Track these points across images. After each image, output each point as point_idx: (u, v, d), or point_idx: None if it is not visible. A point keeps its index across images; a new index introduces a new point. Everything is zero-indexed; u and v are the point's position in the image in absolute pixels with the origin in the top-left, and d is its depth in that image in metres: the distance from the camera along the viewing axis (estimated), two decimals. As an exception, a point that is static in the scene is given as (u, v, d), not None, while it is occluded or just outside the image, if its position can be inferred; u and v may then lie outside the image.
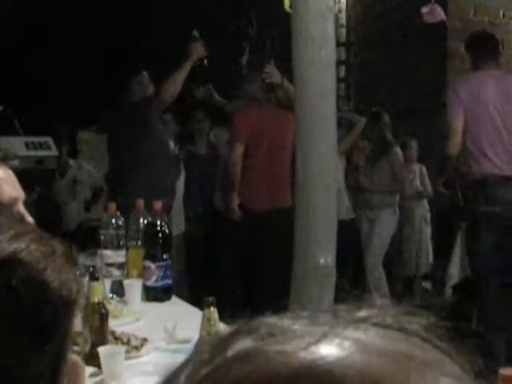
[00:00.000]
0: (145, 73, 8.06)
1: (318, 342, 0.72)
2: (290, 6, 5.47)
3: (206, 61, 7.59)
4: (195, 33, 7.76)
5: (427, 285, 9.77)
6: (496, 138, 7.02)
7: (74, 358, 1.44)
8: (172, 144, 8.17)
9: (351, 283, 8.52)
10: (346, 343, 0.72)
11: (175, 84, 7.45)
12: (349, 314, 0.78)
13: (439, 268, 9.13)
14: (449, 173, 8.52)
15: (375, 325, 0.76)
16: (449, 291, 8.63)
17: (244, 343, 0.75)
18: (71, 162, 8.41)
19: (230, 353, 0.74)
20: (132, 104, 7.95)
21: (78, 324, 3.32)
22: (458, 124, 7.01)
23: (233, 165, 7.48)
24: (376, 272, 9.00)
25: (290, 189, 7.11)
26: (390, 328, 0.77)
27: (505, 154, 6.98)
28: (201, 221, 8.50)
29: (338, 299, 6.00)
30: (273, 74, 7.36)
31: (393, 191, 9.21)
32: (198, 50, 7.56)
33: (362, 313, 0.78)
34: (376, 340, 0.74)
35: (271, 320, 0.77)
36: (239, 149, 7.43)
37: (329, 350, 0.72)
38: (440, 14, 9.12)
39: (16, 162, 3.01)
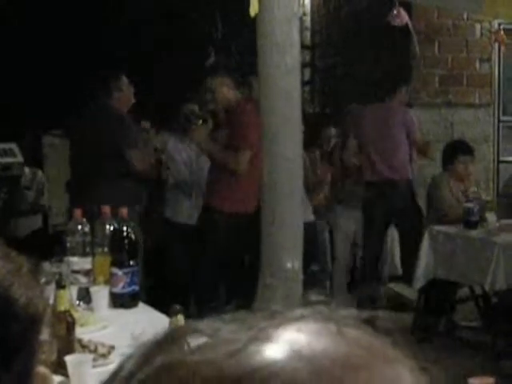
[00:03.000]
0: (124, 77, 8.05)
1: (243, 348, 0.71)
2: (256, 12, 5.49)
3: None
4: (146, 124, 7.81)
5: (395, 286, 9.81)
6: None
7: (41, 370, 1.44)
8: (147, 149, 8.18)
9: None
10: (273, 347, 0.72)
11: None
12: (283, 314, 0.77)
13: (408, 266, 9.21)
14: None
15: (307, 321, 0.75)
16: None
17: (169, 354, 0.73)
18: (26, 169, 8.38)
19: (155, 364, 0.73)
20: (109, 108, 7.98)
21: (44, 333, 3.31)
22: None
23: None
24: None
25: None
26: (322, 322, 0.76)
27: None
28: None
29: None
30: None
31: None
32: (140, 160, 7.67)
33: (297, 312, 0.77)
34: (304, 340, 0.73)
35: (200, 326, 0.75)
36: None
37: (254, 357, 0.71)
38: (405, 17, 9.16)
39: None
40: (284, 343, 0.72)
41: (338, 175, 9.50)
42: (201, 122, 7.82)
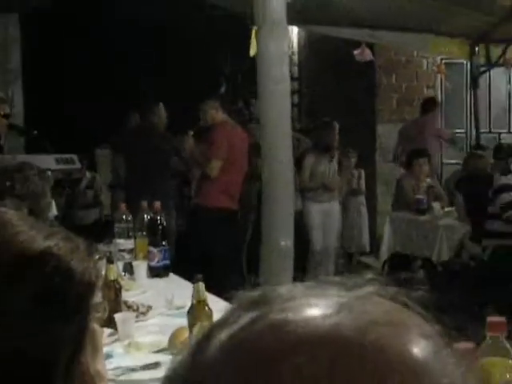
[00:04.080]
0: (161, 105, 8.08)
1: (337, 312, 0.65)
2: (255, 52, 5.49)
3: None
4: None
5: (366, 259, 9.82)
6: None
7: (95, 326, 1.44)
8: (173, 159, 8.21)
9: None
10: (362, 316, 0.66)
11: None
12: (356, 287, 0.71)
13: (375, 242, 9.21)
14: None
15: (379, 297, 0.70)
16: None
17: (266, 313, 0.66)
18: (86, 172, 8.41)
19: (259, 325, 0.65)
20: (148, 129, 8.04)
21: (98, 296, 3.34)
22: None
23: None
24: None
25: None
26: (390, 300, 0.70)
27: None
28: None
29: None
30: None
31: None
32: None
33: (367, 288, 0.71)
34: (383, 312, 0.67)
35: (284, 290, 0.69)
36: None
37: (347, 321, 0.65)
38: (369, 55, 9.15)
39: (50, 175, 3.01)
40: (367, 314, 0.66)
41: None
42: (192, 133, 7.86)
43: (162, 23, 8.65)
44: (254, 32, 5.52)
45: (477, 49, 9.93)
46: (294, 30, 10.33)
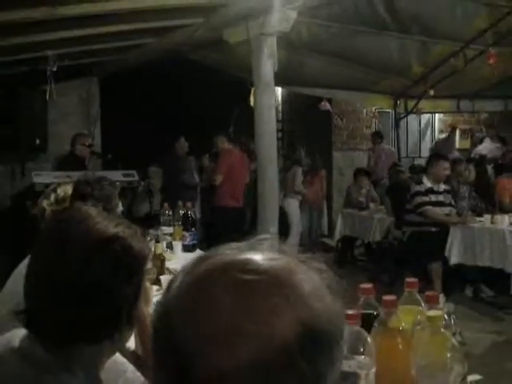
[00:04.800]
0: (183, 138, 8.10)
1: (248, 250, 0.73)
2: (253, 103, 5.50)
3: None
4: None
5: (325, 239, 9.80)
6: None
7: (147, 284, 1.44)
8: (196, 174, 8.22)
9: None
10: (252, 250, 0.73)
11: None
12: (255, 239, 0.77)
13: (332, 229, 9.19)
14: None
15: (268, 245, 0.76)
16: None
17: (205, 256, 0.76)
18: (142, 182, 8.40)
19: (199, 260, 0.76)
20: (177, 155, 8.02)
21: (149, 265, 3.33)
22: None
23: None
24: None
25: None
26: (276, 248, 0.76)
27: None
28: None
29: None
30: None
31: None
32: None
33: (262, 238, 0.78)
34: (267, 249, 0.74)
35: (229, 246, 0.77)
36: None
37: (244, 254, 0.73)
38: (328, 106, 9.16)
39: (118, 184, 3.01)
40: (267, 254, 0.73)
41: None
42: (208, 156, 7.93)
43: (192, 85, 8.68)
44: (252, 90, 5.52)
45: (398, 102, 9.93)
46: (279, 89, 10.35)
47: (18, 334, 1.20)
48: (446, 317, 1.52)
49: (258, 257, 0.72)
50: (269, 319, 0.66)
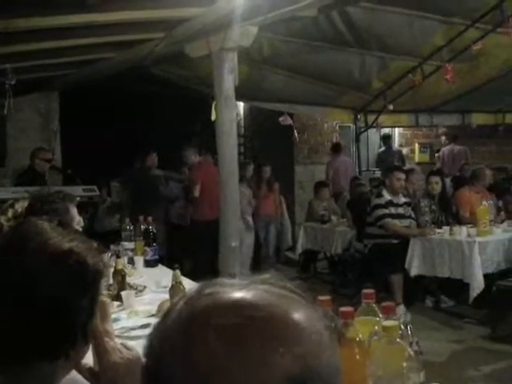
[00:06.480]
0: (154, 153, 8.07)
1: (242, 288, 0.71)
2: (215, 117, 5.50)
3: None
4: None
5: (289, 253, 9.81)
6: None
7: (104, 298, 1.41)
8: (161, 187, 8.17)
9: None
10: (255, 291, 0.71)
11: None
12: (259, 277, 0.76)
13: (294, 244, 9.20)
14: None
15: (270, 284, 0.74)
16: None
17: (209, 289, 0.72)
18: (108, 198, 8.31)
19: (202, 293, 0.72)
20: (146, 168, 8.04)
21: (109, 280, 3.31)
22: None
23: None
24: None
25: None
26: (277, 286, 0.74)
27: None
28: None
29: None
30: None
31: None
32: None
33: (267, 276, 0.76)
34: (269, 290, 0.72)
35: (222, 280, 0.74)
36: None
37: (245, 293, 0.70)
38: (289, 120, 9.21)
39: (77, 199, 2.97)
40: (260, 290, 0.72)
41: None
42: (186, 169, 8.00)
43: (153, 99, 8.64)
44: (213, 105, 5.52)
45: (359, 116, 10.06)
46: (241, 104, 10.38)
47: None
48: (402, 327, 1.53)
49: (258, 299, 0.71)
50: (256, 369, 0.65)
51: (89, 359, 1.43)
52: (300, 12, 5.22)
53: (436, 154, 11.61)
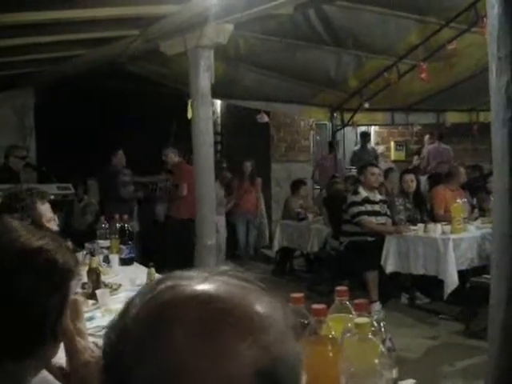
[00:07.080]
0: (121, 151, 7.98)
1: (202, 281, 0.70)
2: (191, 116, 5.47)
3: None
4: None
5: (266, 251, 9.82)
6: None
7: (77, 297, 1.40)
8: (131, 187, 8.09)
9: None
10: (216, 283, 0.70)
11: None
12: (218, 269, 0.75)
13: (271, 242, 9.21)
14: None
15: (230, 275, 0.73)
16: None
17: (168, 283, 0.71)
18: (85, 196, 8.23)
19: (160, 287, 0.70)
20: (113, 167, 7.91)
21: (84, 279, 3.28)
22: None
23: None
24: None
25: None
26: (237, 276, 0.73)
27: None
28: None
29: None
30: None
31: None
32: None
33: (225, 268, 0.75)
34: (229, 282, 0.71)
35: (180, 273, 0.74)
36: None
37: (206, 286, 0.70)
38: (266, 118, 9.21)
39: (52, 197, 2.94)
40: (219, 282, 0.71)
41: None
42: (168, 169, 7.96)
43: (129, 96, 8.57)
44: (190, 103, 5.50)
45: (335, 114, 10.11)
46: (218, 102, 10.36)
47: None
48: (375, 324, 1.54)
49: (220, 291, 0.70)
50: (224, 362, 0.64)
51: (62, 359, 1.41)
52: (276, 10, 5.21)
53: (421, 155, 11.47)
